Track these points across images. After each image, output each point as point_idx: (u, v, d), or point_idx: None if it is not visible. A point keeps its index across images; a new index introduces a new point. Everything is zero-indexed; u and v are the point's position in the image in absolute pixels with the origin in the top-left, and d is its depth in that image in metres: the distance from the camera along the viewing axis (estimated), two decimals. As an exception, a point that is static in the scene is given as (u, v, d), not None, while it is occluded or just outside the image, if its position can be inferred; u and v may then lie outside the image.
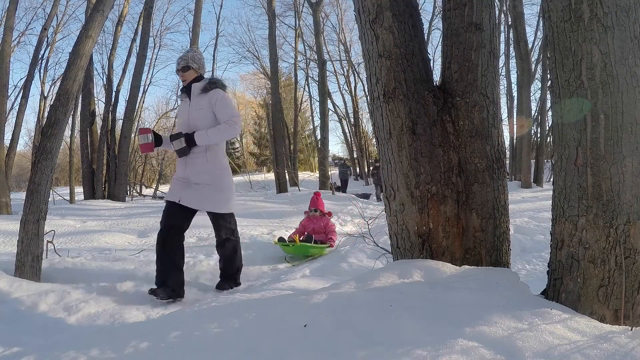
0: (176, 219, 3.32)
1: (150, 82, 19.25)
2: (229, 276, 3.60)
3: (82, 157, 13.20)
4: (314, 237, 5.08)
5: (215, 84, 3.38)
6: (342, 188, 16.81)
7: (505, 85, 17.73)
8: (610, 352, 1.27)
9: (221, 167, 3.44)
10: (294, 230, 5.76)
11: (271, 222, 7.04)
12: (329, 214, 5.72)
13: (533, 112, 15.09)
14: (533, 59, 15.58)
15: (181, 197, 3.32)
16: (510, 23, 14.75)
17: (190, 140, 3.29)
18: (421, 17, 2.30)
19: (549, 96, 2.49)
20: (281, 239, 4.97)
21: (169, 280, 3.15)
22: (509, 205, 2.22)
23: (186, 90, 3.45)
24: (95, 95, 13.92)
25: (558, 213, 1.74)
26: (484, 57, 2.13)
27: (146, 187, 18.27)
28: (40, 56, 13.12)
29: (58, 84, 7.27)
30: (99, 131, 12.99)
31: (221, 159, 3.47)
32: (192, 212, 3.39)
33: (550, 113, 1.93)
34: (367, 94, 6.27)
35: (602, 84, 1.58)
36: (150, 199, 14.74)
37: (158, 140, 3.47)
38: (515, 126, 13.66)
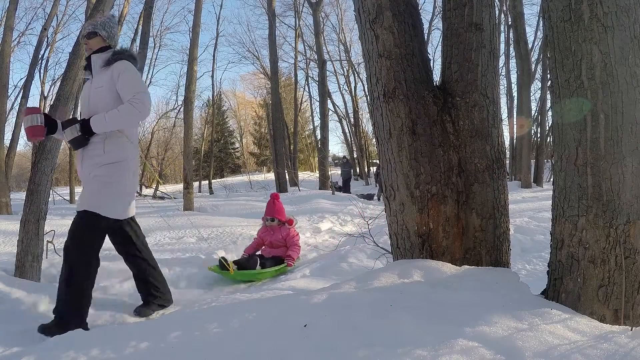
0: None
1: (150, 82, 19.22)
2: (59, 312, 2.51)
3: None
4: (258, 259, 4.16)
5: (120, 54, 2.69)
6: (344, 188, 16.16)
7: (505, 85, 17.72)
8: (610, 352, 1.27)
9: (117, 160, 2.64)
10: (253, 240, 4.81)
11: (271, 222, 7.03)
12: (290, 221, 4.66)
13: (533, 112, 15.08)
14: (533, 59, 15.56)
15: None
16: (510, 23, 14.74)
17: (86, 127, 2.57)
18: (421, 17, 2.30)
19: (549, 96, 2.49)
20: (222, 261, 3.85)
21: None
22: (509, 205, 2.22)
23: (88, 65, 2.77)
24: (95, 95, 13.89)
25: (558, 213, 1.74)
26: (484, 57, 2.13)
27: (146, 187, 18.26)
28: (40, 56, 13.12)
29: (58, 84, 7.28)
30: (99, 131, 12.96)
31: (122, 151, 2.67)
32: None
33: (550, 113, 1.93)
34: (367, 94, 6.27)
35: (602, 84, 1.58)
36: (150, 199, 14.73)
37: (53, 125, 2.69)
38: (515, 126, 13.66)
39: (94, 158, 2.63)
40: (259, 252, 4.56)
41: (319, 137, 20.53)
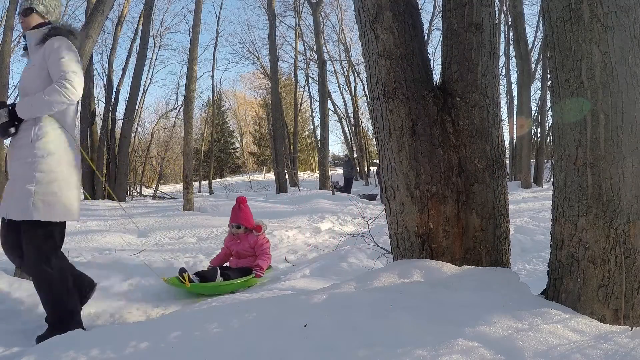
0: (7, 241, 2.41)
1: (150, 82, 19.25)
2: (51, 323, 2.32)
3: (82, 157, 13.18)
4: (218, 269, 3.66)
5: (57, 29, 2.43)
6: (346, 188, 15.64)
7: (505, 85, 17.72)
8: (610, 352, 1.27)
9: (48, 152, 2.31)
10: (220, 250, 4.27)
11: (271, 222, 7.05)
12: (258, 227, 4.08)
13: (533, 112, 15.07)
14: (533, 59, 15.56)
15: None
16: (510, 23, 14.75)
17: (13, 112, 2.31)
18: (421, 17, 2.30)
19: (549, 96, 2.49)
20: (181, 273, 3.46)
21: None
22: (509, 205, 2.22)
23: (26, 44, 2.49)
24: (95, 95, 13.91)
25: (558, 213, 1.74)
26: (484, 57, 2.13)
27: (146, 187, 18.28)
28: (40, 56, 13.11)
29: (58, 84, 7.26)
30: (99, 131, 12.98)
31: (53, 141, 2.34)
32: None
33: (550, 113, 1.93)
34: (367, 94, 6.26)
35: (602, 84, 1.58)
36: (150, 199, 14.75)
37: None
38: (515, 126, 13.66)
39: (22, 149, 2.31)
40: (226, 264, 4.10)
41: (319, 137, 20.54)
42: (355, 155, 27.46)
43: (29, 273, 2.42)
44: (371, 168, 24.93)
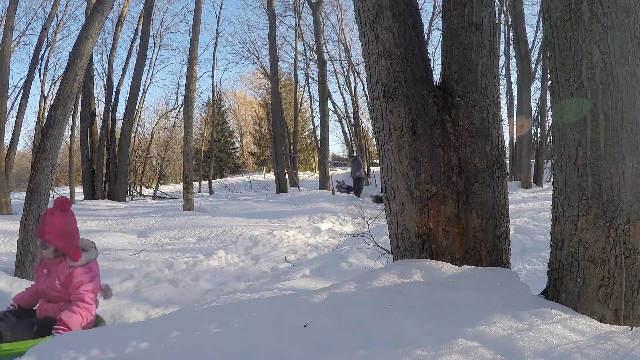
0: None
1: (150, 82, 19.24)
2: None
3: (82, 157, 13.19)
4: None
5: None
6: (356, 190, 14.06)
7: (505, 85, 17.68)
8: (610, 352, 1.27)
9: None
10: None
11: (271, 222, 7.05)
12: (76, 254, 2.48)
13: (533, 112, 15.05)
14: (533, 59, 15.53)
15: None
16: (510, 23, 14.73)
17: None
18: (421, 17, 2.30)
19: (549, 96, 2.49)
20: None
21: None
22: (509, 205, 2.22)
23: None
24: (95, 95, 13.91)
25: (558, 213, 1.74)
26: (484, 57, 2.13)
27: (146, 187, 18.27)
28: (40, 56, 13.10)
29: (58, 84, 7.27)
30: (99, 131, 12.98)
31: None
32: None
33: (550, 113, 1.93)
34: (367, 94, 6.26)
35: (602, 84, 1.58)
36: (150, 199, 14.74)
37: None
38: (515, 126, 13.64)
39: None
40: (37, 306, 2.63)
41: (319, 137, 20.51)
42: (355, 155, 27.38)
43: None
44: (372, 168, 24.88)
